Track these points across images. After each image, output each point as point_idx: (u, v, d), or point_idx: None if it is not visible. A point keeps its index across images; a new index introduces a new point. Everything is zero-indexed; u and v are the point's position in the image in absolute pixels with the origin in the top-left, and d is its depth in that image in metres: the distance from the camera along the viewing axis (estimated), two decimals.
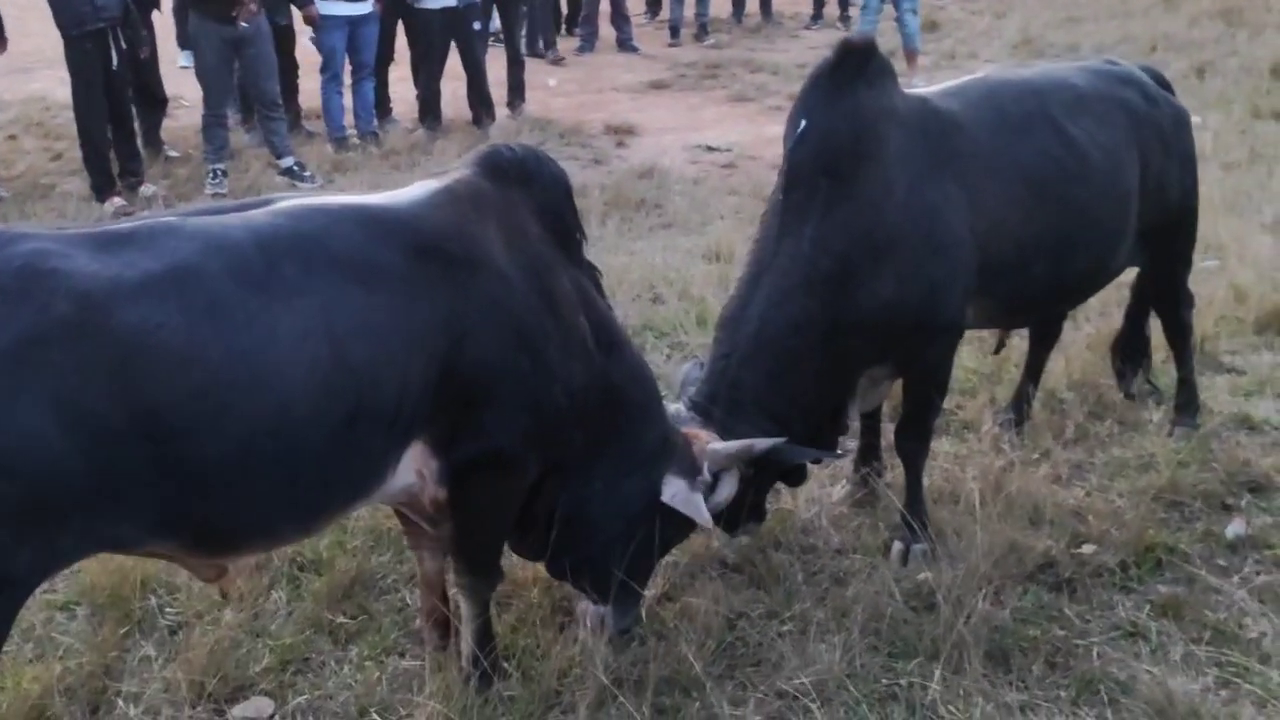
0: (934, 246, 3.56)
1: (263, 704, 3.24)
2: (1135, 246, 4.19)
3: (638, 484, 3.25)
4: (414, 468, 2.86)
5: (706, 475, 3.33)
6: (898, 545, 3.81)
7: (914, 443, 3.84)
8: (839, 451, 3.89)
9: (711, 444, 3.36)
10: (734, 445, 3.35)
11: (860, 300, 3.51)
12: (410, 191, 2.96)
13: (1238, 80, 10.44)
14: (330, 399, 2.55)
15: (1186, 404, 4.56)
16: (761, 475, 3.57)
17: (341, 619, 3.58)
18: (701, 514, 3.26)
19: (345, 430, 2.59)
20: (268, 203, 2.79)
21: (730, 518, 3.57)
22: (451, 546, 3.13)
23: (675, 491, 3.25)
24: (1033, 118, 3.87)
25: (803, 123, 3.56)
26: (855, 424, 3.93)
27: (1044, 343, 4.68)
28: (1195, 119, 8.74)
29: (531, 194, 3.04)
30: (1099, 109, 4.01)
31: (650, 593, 3.65)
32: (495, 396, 2.86)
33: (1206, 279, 5.83)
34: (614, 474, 3.23)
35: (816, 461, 3.78)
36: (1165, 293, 4.54)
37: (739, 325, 3.55)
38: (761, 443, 3.36)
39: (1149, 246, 4.27)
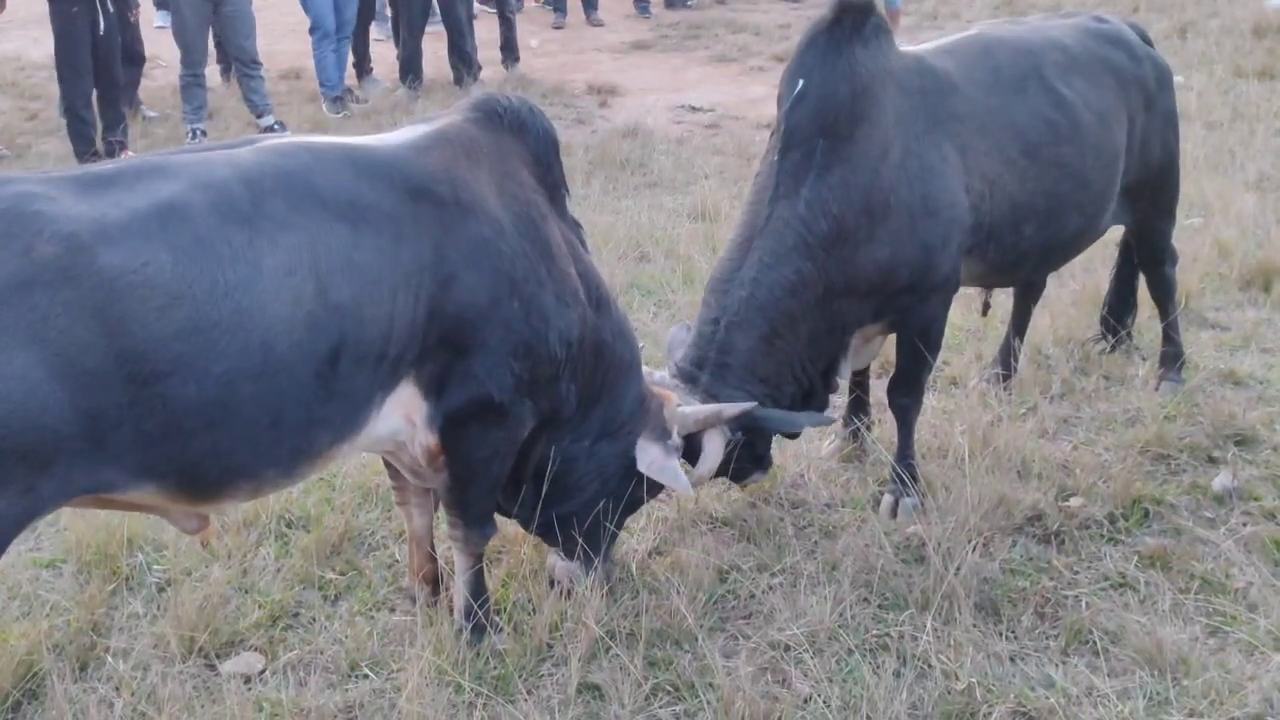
0: (929, 208, 3.55)
1: (253, 659, 3.23)
2: (1120, 204, 4.20)
3: (617, 444, 3.26)
4: (402, 412, 2.83)
5: (676, 439, 3.32)
6: (887, 498, 3.82)
7: (907, 399, 3.84)
8: (830, 416, 3.86)
9: (680, 407, 3.34)
10: (702, 410, 3.35)
11: (856, 261, 3.50)
12: (400, 134, 2.94)
13: (1219, 40, 10.42)
14: (313, 335, 2.54)
15: (1172, 359, 4.57)
16: (750, 445, 3.57)
17: (331, 575, 3.57)
18: (679, 481, 3.26)
19: (328, 368, 2.57)
20: (253, 142, 2.75)
21: (738, 469, 3.58)
22: (445, 497, 3.10)
23: (651, 459, 3.24)
24: (1027, 78, 3.85)
25: (800, 83, 3.51)
26: (845, 381, 3.92)
27: (1029, 297, 4.68)
28: (1179, 79, 8.78)
29: (525, 143, 3.02)
30: (1089, 69, 4.00)
31: (641, 547, 3.66)
32: (484, 341, 2.84)
33: (1191, 237, 5.85)
34: (599, 432, 3.23)
35: (794, 435, 3.78)
36: (1150, 249, 4.54)
37: (729, 289, 3.52)
38: (730, 408, 3.35)
39: (1134, 204, 4.28)
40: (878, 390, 4.28)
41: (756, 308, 3.47)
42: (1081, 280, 5.32)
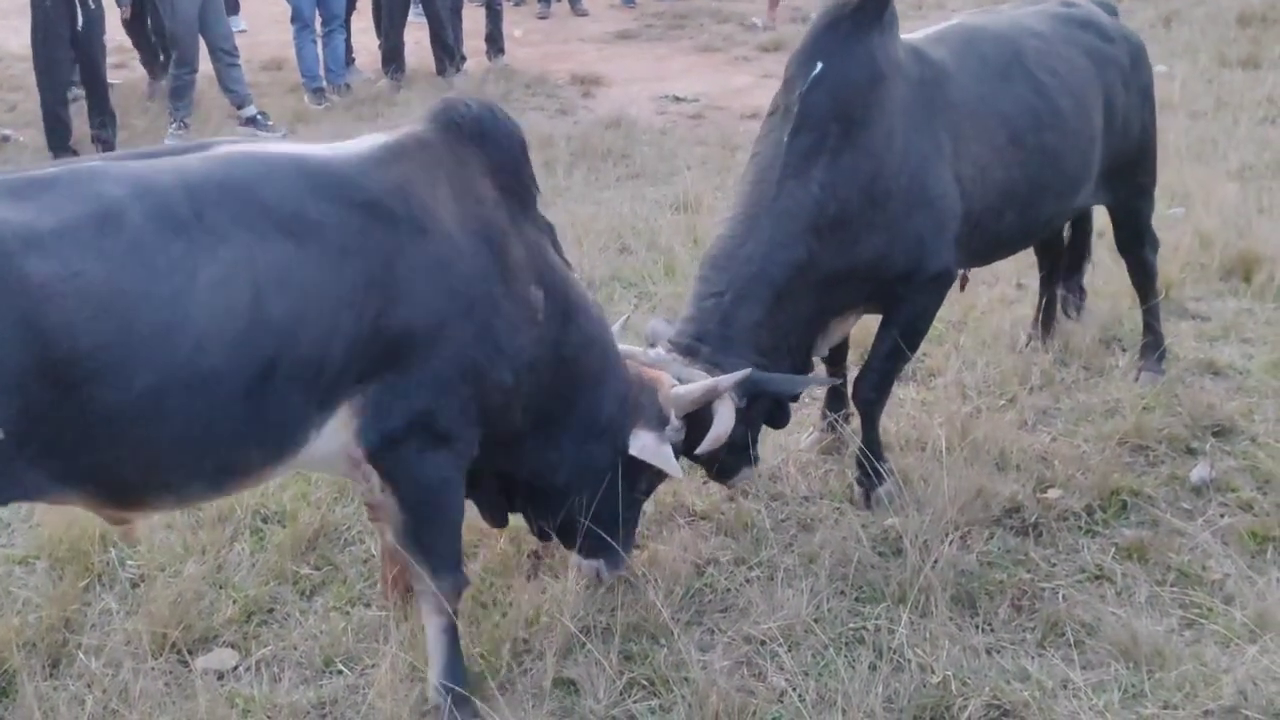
0: (925, 198, 3.56)
1: (226, 655, 3.21)
2: (1098, 185, 4.21)
3: (604, 442, 3.19)
4: (348, 432, 2.73)
5: (675, 421, 3.29)
6: (859, 490, 3.81)
7: (874, 393, 3.79)
8: (830, 379, 3.86)
9: (674, 389, 3.30)
10: (696, 389, 3.30)
11: (856, 248, 3.52)
12: (356, 145, 2.83)
13: (1204, 29, 10.42)
14: (246, 351, 2.47)
15: (1152, 349, 4.57)
16: (747, 416, 3.54)
17: (306, 570, 3.55)
18: (670, 465, 3.23)
19: (260, 385, 2.50)
20: (207, 147, 2.68)
21: (723, 467, 3.57)
22: (402, 539, 2.91)
23: (644, 444, 3.20)
24: (1010, 66, 3.87)
25: (819, 65, 3.50)
26: (818, 358, 3.90)
27: (1049, 255, 4.75)
28: (1162, 68, 8.82)
29: (486, 152, 2.91)
30: (1065, 54, 4.01)
31: None
32: (430, 364, 2.73)
33: (1172, 226, 5.84)
34: (575, 441, 3.15)
35: (794, 398, 3.75)
36: (1130, 231, 4.55)
37: (734, 264, 3.49)
38: (726, 379, 3.31)
39: (1113, 184, 4.29)
40: None
41: (766, 283, 3.45)
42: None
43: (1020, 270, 5.43)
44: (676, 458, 3.29)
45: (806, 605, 3.24)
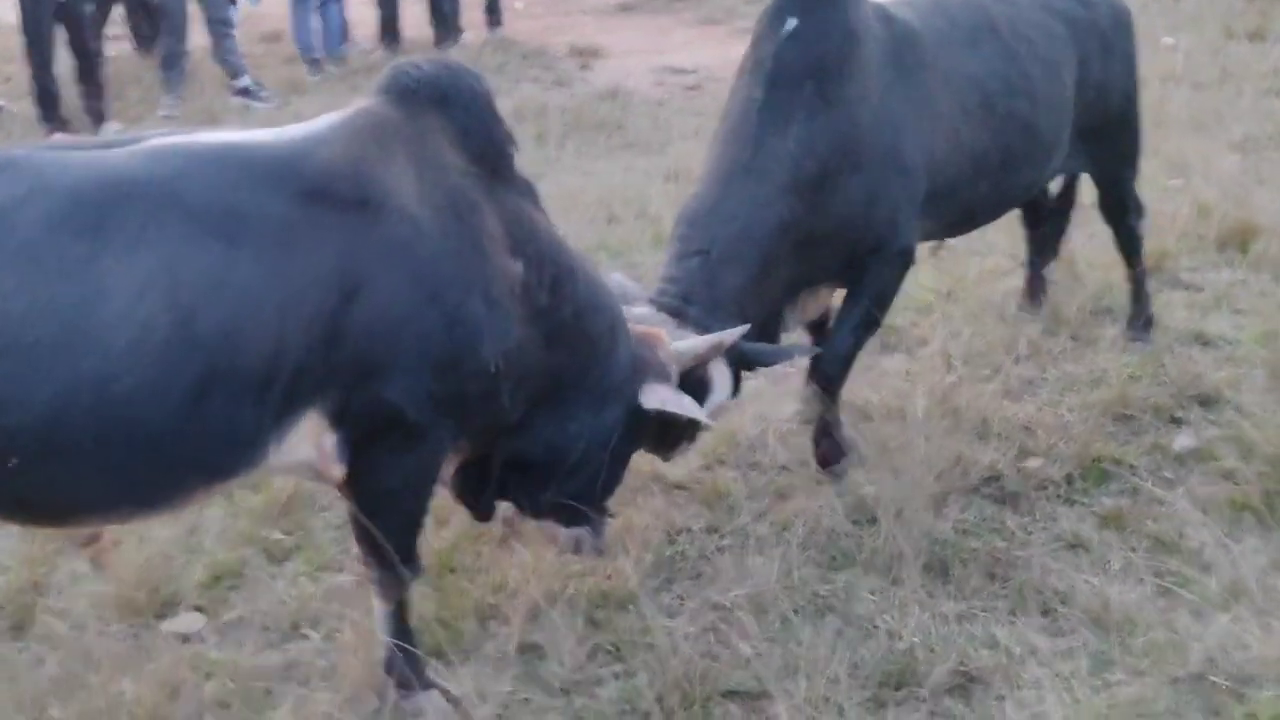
0: (899, 164, 3.52)
1: (193, 618, 3.21)
2: (1075, 152, 4.16)
3: (617, 407, 3.01)
4: (311, 441, 2.52)
5: (675, 379, 3.18)
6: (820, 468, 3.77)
7: (836, 367, 3.70)
8: (815, 347, 3.79)
9: (676, 344, 3.16)
10: (700, 342, 3.17)
11: (833, 210, 3.46)
12: (301, 127, 2.61)
13: (1213, 1, 10.30)
14: (171, 368, 2.24)
15: (1140, 318, 4.52)
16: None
17: (278, 535, 3.54)
18: (696, 410, 3.08)
19: (192, 403, 2.27)
20: (138, 140, 2.47)
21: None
22: (356, 532, 2.77)
23: (662, 398, 3.03)
24: (979, 30, 3.81)
25: (793, 22, 3.45)
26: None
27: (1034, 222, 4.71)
28: (1168, 40, 8.73)
29: (449, 116, 2.66)
30: (1038, 19, 3.95)
31: None
32: (397, 357, 2.50)
33: (1170, 197, 5.78)
34: (592, 409, 2.97)
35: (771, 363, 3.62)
36: (1114, 199, 4.49)
37: (715, 222, 3.40)
38: (730, 333, 3.20)
39: (1091, 150, 4.23)
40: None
41: (751, 242, 3.37)
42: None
43: (1014, 241, 5.37)
44: None
45: (776, 573, 3.22)
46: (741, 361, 3.39)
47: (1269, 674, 2.79)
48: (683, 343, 3.17)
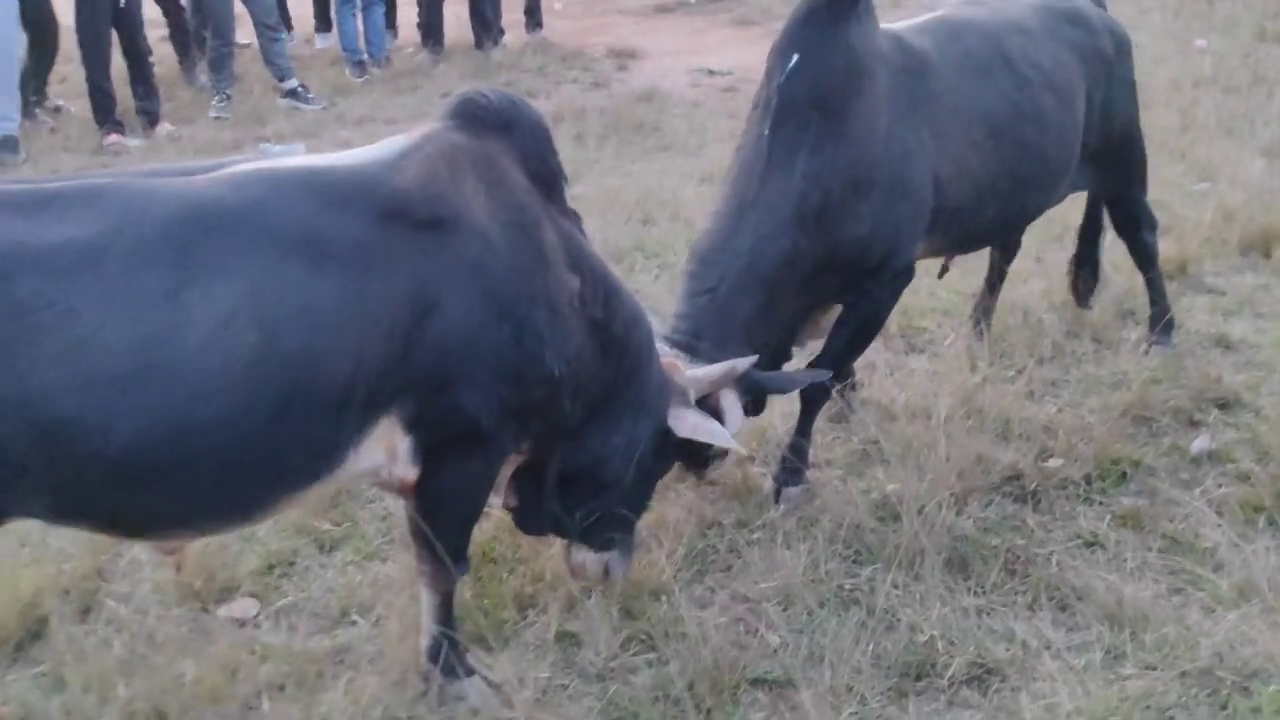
0: (905, 189, 3.60)
1: (248, 604, 3.37)
2: (1081, 173, 4.27)
3: (648, 424, 3.16)
4: (381, 446, 2.64)
5: (693, 404, 3.34)
6: (771, 484, 3.83)
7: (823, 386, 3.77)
8: (824, 373, 3.81)
9: (690, 371, 3.33)
10: (716, 369, 3.33)
11: (839, 237, 3.55)
12: (373, 150, 2.73)
13: (1247, 3, 10.32)
14: (254, 390, 2.33)
15: (1161, 324, 4.63)
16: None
17: (327, 526, 3.70)
18: (726, 437, 3.22)
19: (273, 422, 2.37)
20: (220, 167, 2.56)
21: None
22: (412, 529, 2.91)
23: (692, 424, 3.19)
24: (992, 60, 3.91)
25: (795, 57, 3.53)
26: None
27: (1004, 257, 4.76)
28: (1200, 42, 8.76)
29: (512, 141, 2.81)
30: (1049, 49, 4.05)
31: None
32: (472, 369, 2.63)
33: (1196, 202, 5.89)
34: (629, 422, 3.12)
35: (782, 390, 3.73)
36: (1124, 216, 4.61)
37: (724, 258, 3.52)
38: (743, 362, 3.35)
39: (1098, 170, 4.35)
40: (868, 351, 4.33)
41: (757, 277, 3.49)
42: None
43: (1040, 244, 5.48)
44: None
45: (803, 567, 3.35)
46: (754, 390, 3.50)
47: (1275, 669, 2.90)
48: (700, 369, 3.33)
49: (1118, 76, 4.30)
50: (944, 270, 4.62)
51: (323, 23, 10.40)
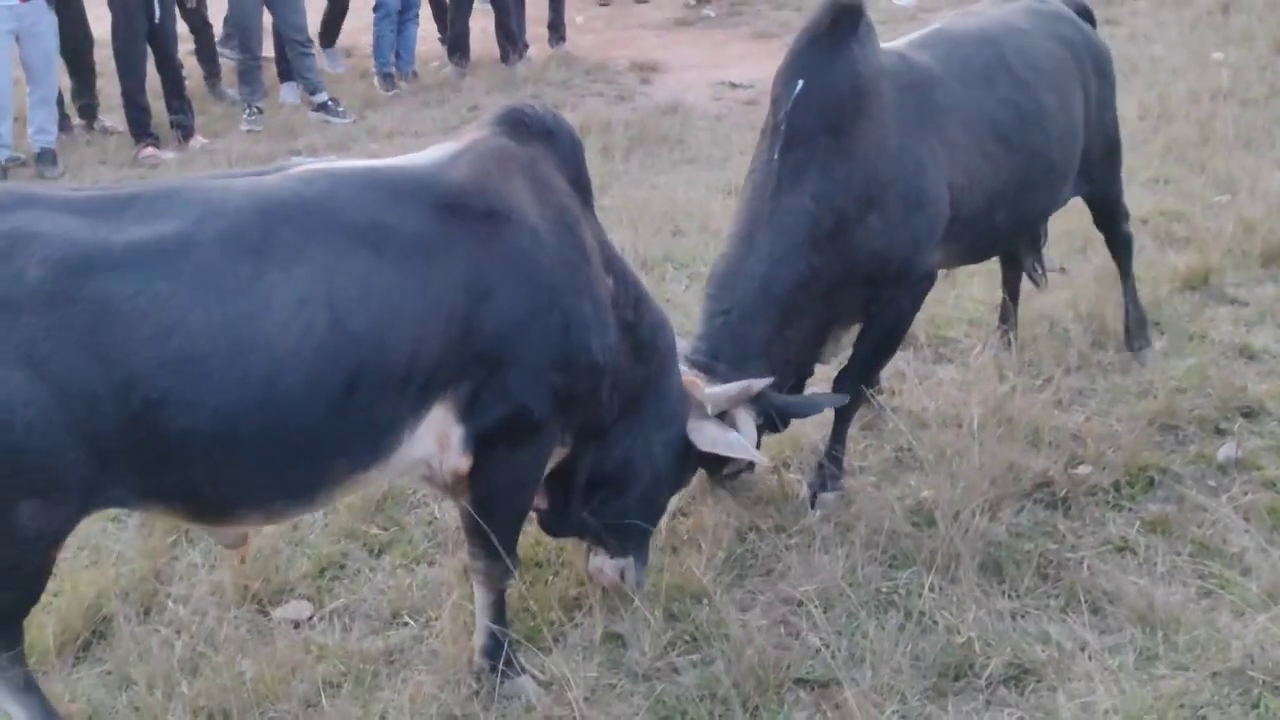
0: (919, 200, 3.68)
1: (302, 606, 3.48)
2: (1081, 175, 4.37)
3: (669, 432, 3.30)
4: (434, 435, 2.77)
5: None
6: (806, 490, 3.91)
7: (852, 395, 3.85)
8: (843, 396, 3.87)
9: (709, 388, 3.42)
10: (733, 387, 3.42)
11: (854, 254, 3.62)
12: (428, 152, 2.94)
13: (1263, 16, 10.36)
14: (326, 367, 2.50)
15: (1136, 323, 4.74)
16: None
17: (375, 530, 3.81)
18: (746, 448, 3.33)
19: (343, 399, 2.53)
20: (284, 168, 2.76)
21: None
22: (466, 523, 3.02)
23: (712, 437, 3.31)
24: (993, 68, 3.98)
25: (800, 83, 3.60)
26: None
27: (1014, 266, 4.86)
28: (1217, 55, 8.83)
29: (553, 148, 3.01)
30: (1045, 48, 4.15)
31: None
32: (523, 356, 2.78)
33: (1217, 214, 5.97)
34: (653, 424, 3.26)
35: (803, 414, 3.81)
36: (1107, 212, 4.73)
37: (738, 281, 3.59)
38: (758, 382, 3.44)
39: (1092, 172, 4.45)
40: (897, 360, 4.43)
41: (770, 299, 3.56)
42: (1104, 255, 5.43)
43: (1065, 255, 5.58)
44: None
45: (841, 570, 3.44)
46: (777, 412, 3.60)
47: None
48: (717, 387, 3.43)
49: (1107, 74, 4.43)
50: None
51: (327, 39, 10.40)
